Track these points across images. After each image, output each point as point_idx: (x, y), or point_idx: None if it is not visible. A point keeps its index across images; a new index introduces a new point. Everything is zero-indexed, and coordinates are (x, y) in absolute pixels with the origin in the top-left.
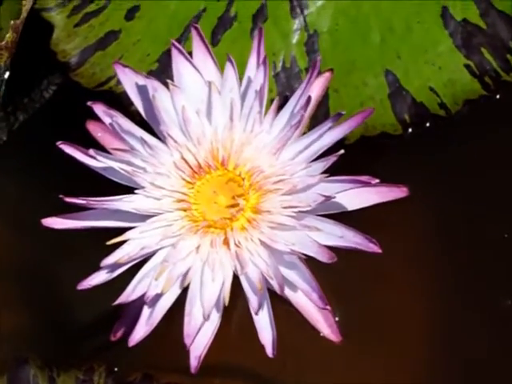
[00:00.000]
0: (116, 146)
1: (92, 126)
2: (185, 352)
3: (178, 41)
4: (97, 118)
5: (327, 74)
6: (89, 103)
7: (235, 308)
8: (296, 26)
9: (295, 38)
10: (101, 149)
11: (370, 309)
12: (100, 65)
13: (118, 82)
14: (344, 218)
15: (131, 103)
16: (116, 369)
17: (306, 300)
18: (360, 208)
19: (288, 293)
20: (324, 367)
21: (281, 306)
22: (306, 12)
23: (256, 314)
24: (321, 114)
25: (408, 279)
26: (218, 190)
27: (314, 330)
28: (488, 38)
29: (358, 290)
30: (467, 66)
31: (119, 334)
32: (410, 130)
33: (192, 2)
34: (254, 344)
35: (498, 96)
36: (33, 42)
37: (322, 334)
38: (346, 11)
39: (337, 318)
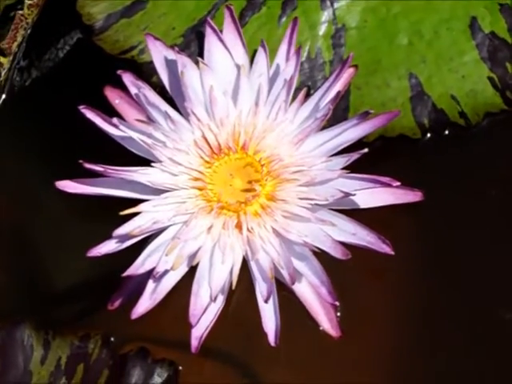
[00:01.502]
0: (132, 115)
1: (110, 93)
2: (183, 327)
3: (205, 19)
4: (115, 85)
5: (351, 70)
6: (118, 72)
7: (234, 292)
8: (324, 18)
9: (322, 30)
10: (113, 114)
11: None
12: (124, 32)
13: (141, 52)
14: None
15: (152, 74)
16: (112, 339)
17: (309, 291)
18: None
19: None
20: (320, 360)
21: (280, 292)
22: (335, 5)
23: (265, 301)
24: (340, 109)
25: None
26: (235, 173)
27: (313, 322)
28: None
29: (359, 287)
30: (490, 79)
31: (117, 303)
32: (429, 135)
33: None
34: (250, 329)
35: None
36: (57, 1)
37: (321, 328)
38: (376, 10)
39: (338, 314)
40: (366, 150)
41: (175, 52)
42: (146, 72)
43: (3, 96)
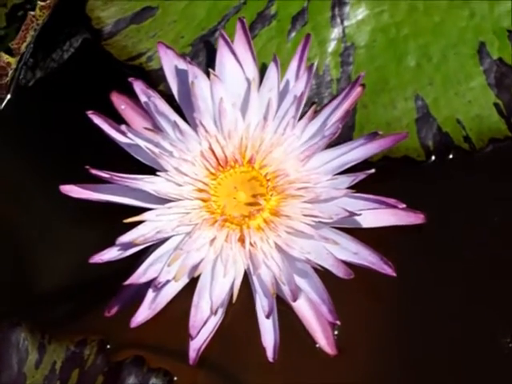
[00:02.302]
0: (137, 122)
1: (116, 98)
2: (180, 336)
3: (215, 29)
4: (121, 90)
5: (359, 89)
6: (130, 79)
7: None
8: (334, 35)
9: (331, 47)
10: (116, 118)
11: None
12: (132, 39)
13: (149, 59)
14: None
15: (159, 82)
16: (108, 346)
17: (307, 308)
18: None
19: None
20: (313, 375)
21: (278, 307)
22: (345, 23)
23: (267, 317)
24: (345, 126)
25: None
26: (239, 186)
27: (309, 338)
28: None
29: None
30: (496, 105)
31: (114, 310)
32: (433, 158)
33: None
34: (245, 342)
35: None
36: (66, 4)
37: (317, 345)
38: (386, 30)
39: (336, 332)
40: (372, 170)
41: (186, 62)
42: (153, 79)
43: (8, 96)
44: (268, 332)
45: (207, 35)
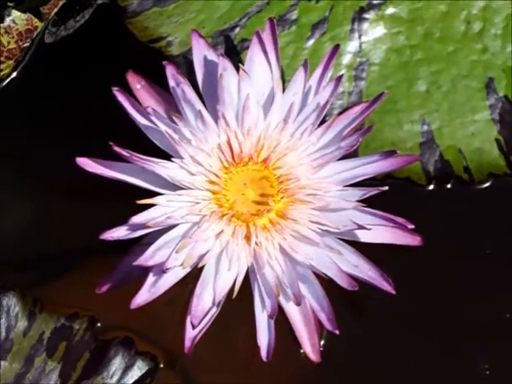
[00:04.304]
0: (149, 104)
1: (131, 78)
2: (173, 323)
3: (236, 25)
4: (139, 71)
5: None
6: (164, 63)
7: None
8: (350, 48)
9: (347, 60)
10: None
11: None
12: (155, 21)
13: (168, 44)
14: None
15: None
16: (99, 324)
17: (296, 312)
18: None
19: (281, 299)
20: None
21: None
22: (363, 38)
23: (271, 317)
24: None
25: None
26: (249, 183)
27: (296, 343)
28: None
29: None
30: (497, 141)
31: (105, 288)
32: (434, 183)
33: None
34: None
35: None
36: None
37: (302, 351)
38: (401, 51)
39: (322, 341)
40: (386, 188)
41: (218, 54)
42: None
43: (27, 57)
44: (263, 331)
45: (227, 29)
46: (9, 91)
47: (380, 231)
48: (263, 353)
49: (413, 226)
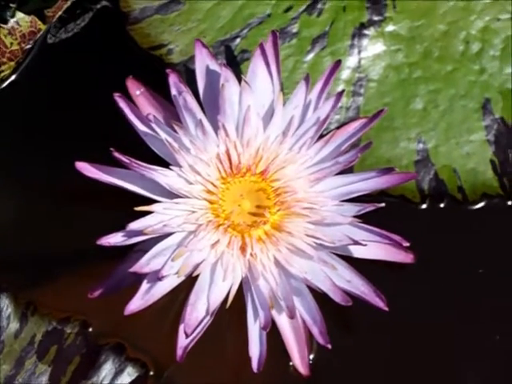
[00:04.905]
0: (148, 111)
1: (131, 84)
2: (164, 332)
3: (237, 35)
4: (138, 78)
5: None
6: (167, 70)
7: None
8: (349, 63)
9: (345, 75)
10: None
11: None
12: (156, 28)
13: (169, 52)
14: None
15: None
16: (91, 329)
17: (287, 324)
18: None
19: (273, 311)
20: None
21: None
22: (362, 54)
23: (264, 329)
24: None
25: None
26: (246, 194)
27: (286, 355)
28: None
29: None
30: (492, 162)
31: (97, 293)
32: (428, 201)
33: (261, 2)
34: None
35: (509, 202)
36: None
37: (291, 363)
38: (399, 69)
39: (311, 355)
40: (382, 204)
41: (220, 65)
42: None
43: (27, 60)
44: (255, 343)
45: (228, 40)
46: (8, 92)
47: (373, 247)
48: (254, 364)
49: (408, 244)
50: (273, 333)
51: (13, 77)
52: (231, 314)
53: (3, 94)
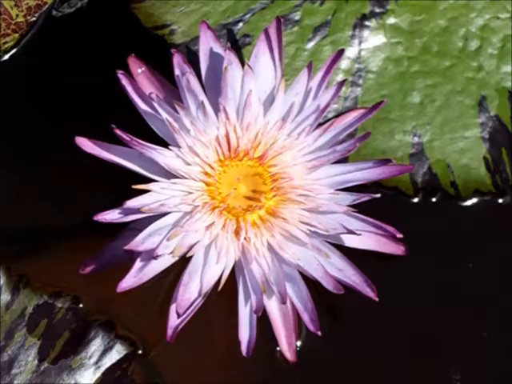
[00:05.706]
0: (148, 91)
1: (133, 62)
2: (154, 310)
3: (239, 19)
4: (140, 57)
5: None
6: (172, 50)
7: None
8: (349, 53)
9: (345, 65)
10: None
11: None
12: (159, 9)
13: (171, 33)
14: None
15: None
16: (82, 305)
17: (276, 310)
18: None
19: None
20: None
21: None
22: (363, 45)
23: (256, 313)
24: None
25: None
26: (242, 178)
27: (274, 341)
28: (510, 141)
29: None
30: (485, 159)
31: (89, 269)
32: (420, 195)
33: None
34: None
35: (500, 200)
36: None
37: (278, 348)
38: (398, 62)
39: (299, 342)
40: (378, 195)
41: (222, 47)
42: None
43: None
44: (245, 327)
45: (230, 24)
46: (10, 65)
47: (365, 237)
48: (243, 348)
49: (401, 236)
50: (261, 318)
51: (15, 49)
52: (220, 297)
53: (5, 66)
